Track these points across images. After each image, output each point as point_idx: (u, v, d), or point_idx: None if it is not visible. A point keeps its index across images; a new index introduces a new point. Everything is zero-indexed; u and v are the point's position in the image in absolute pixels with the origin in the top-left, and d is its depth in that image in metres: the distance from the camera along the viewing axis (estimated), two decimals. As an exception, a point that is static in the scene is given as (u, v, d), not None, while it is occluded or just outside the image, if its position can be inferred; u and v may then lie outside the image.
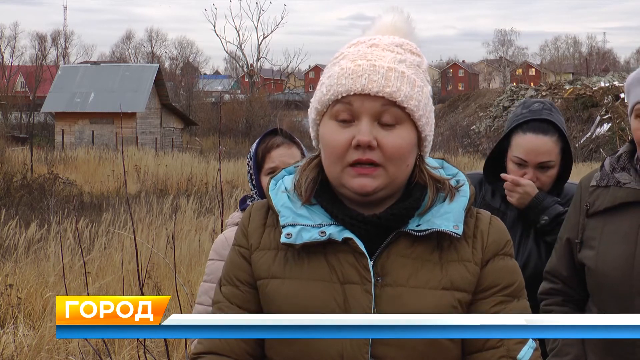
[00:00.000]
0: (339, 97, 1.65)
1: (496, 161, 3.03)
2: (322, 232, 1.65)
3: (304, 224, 1.67)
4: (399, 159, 1.65)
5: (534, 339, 1.69)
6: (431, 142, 1.74)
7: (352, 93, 1.64)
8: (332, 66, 1.71)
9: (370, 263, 1.65)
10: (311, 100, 1.74)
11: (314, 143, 1.77)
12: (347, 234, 1.65)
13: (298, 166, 1.79)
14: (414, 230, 1.66)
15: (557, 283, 2.58)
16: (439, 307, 1.64)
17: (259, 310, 1.71)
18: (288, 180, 1.77)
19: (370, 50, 1.68)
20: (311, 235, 1.65)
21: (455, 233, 1.66)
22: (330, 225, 1.67)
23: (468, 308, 1.68)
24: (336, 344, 1.63)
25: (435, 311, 1.63)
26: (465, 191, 1.74)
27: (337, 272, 1.65)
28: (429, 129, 1.70)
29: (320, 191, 1.72)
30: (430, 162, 1.77)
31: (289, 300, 1.66)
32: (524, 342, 1.66)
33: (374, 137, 1.63)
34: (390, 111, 1.64)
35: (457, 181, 1.75)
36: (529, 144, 2.88)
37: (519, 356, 1.66)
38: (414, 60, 1.70)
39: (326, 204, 1.69)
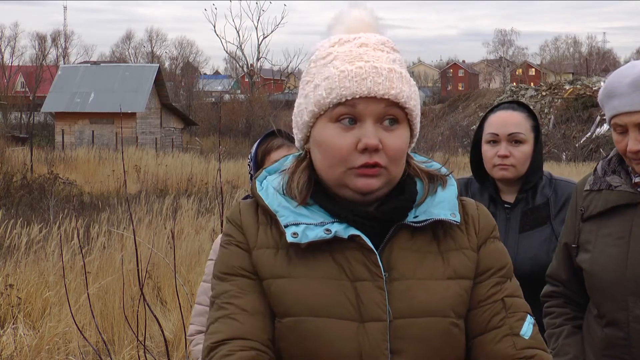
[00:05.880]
0: (343, 100, 1.62)
1: (480, 164, 3.13)
2: (327, 230, 1.63)
3: (307, 223, 1.64)
4: (399, 159, 1.65)
5: (531, 315, 1.72)
6: (416, 138, 1.77)
7: (357, 96, 1.61)
8: (323, 67, 1.66)
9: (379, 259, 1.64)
10: (299, 102, 1.69)
11: (298, 144, 1.73)
12: (353, 231, 1.63)
13: (283, 168, 1.75)
14: (413, 222, 1.66)
15: (558, 286, 2.64)
16: (446, 297, 1.64)
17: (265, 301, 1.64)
18: (272, 180, 1.74)
19: (363, 51, 1.65)
20: (316, 234, 1.62)
21: (454, 221, 1.68)
22: (332, 222, 1.65)
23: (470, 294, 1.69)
24: (352, 341, 1.60)
25: (443, 302, 1.64)
26: (452, 180, 1.76)
27: (346, 270, 1.63)
28: (418, 126, 1.72)
29: (315, 191, 1.69)
30: (416, 156, 1.78)
31: (298, 299, 1.61)
32: (523, 318, 1.69)
33: (379, 140, 1.62)
34: (391, 112, 1.63)
35: (440, 170, 1.76)
36: (499, 118, 3.06)
37: (521, 333, 1.68)
38: (400, 58, 1.69)
39: (325, 203, 1.67)
